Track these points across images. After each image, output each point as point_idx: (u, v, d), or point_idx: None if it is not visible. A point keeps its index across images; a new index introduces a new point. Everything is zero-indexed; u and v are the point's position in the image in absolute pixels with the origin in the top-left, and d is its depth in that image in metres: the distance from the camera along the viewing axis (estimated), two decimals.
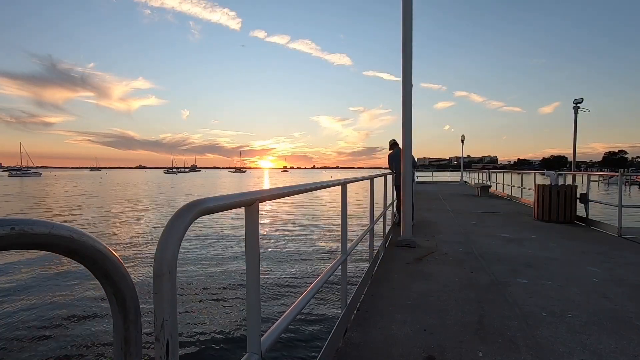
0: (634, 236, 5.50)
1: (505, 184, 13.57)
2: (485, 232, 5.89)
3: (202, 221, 12.65)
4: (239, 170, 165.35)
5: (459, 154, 55.57)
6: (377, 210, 4.30)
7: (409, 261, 4.16)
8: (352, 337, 2.35)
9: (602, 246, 4.86)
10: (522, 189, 11.13)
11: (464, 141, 25.79)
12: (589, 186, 6.89)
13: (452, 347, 2.19)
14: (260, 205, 1.17)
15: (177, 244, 0.73)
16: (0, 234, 0.42)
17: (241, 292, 6.02)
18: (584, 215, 6.69)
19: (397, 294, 3.11)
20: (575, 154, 12.87)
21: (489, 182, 15.95)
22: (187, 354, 4.12)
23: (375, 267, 3.94)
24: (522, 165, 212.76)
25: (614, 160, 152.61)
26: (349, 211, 2.51)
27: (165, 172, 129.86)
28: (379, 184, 5.05)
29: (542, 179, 9.02)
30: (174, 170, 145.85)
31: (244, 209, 1.13)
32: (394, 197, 6.84)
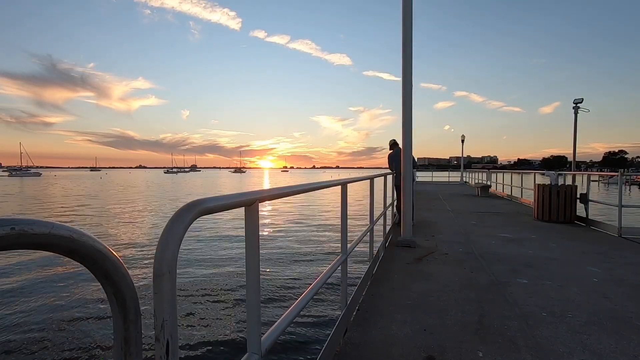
0: (634, 236, 5.50)
1: (505, 184, 13.57)
2: (485, 232, 5.89)
3: (202, 221, 12.64)
4: (239, 170, 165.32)
5: (459, 154, 55.57)
6: (377, 210, 4.30)
7: (409, 261, 4.16)
8: (352, 337, 2.35)
9: (602, 246, 4.86)
10: (522, 189, 11.14)
11: (464, 141, 25.80)
12: (589, 186, 6.89)
13: (452, 347, 2.19)
14: (260, 205, 1.17)
15: (177, 244, 0.73)
16: (0, 234, 0.43)
17: (241, 292, 6.02)
18: (584, 215, 6.69)
19: (397, 294, 3.11)
20: (575, 154, 12.87)
21: (489, 182, 15.95)
22: (187, 354, 4.12)
23: (375, 267, 3.94)
24: (522, 165, 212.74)
25: (614, 160, 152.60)
26: (349, 211, 2.51)
27: (165, 172, 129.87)
28: (379, 184, 5.05)
29: (542, 179, 9.01)
30: (174, 170, 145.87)
31: (244, 209, 1.13)
32: (394, 197, 6.84)
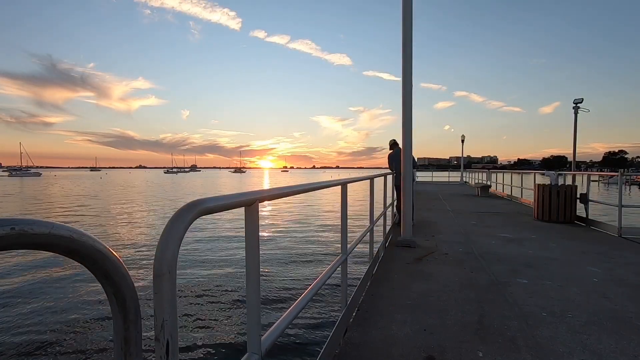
0: (634, 236, 5.50)
1: (505, 184, 13.57)
2: (485, 232, 5.89)
3: (202, 221, 12.64)
4: (239, 170, 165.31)
5: (459, 154, 55.57)
6: (377, 210, 4.30)
7: (409, 261, 4.16)
8: (352, 337, 2.35)
9: (602, 246, 4.86)
10: (522, 189, 11.13)
11: (464, 141, 25.80)
12: (589, 186, 6.89)
13: (452, 347, 2.19)
14: (260, 205, 1.17)
15: (177, 244, 0.73)
16: (0, 234, 0.43)
17: (241, 292, 6.02)
18: (584, 215, 6.69)
19: (397, 294, 3.11)
20: (575, 154, 12.87)
21: (489, 182, 15.95)
22: (187, 354, 4.12)
23: (375, 267, 3.94)
24: (522, 165, 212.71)
25: (614, 160, 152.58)
26: (349, 211, 2.51)
27: (165, 172, 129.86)
28: (379, 184, 5.05)
29: (542, 179, 9.01)
30: (174, 170, 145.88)
31: (244, 209, 1.13)
32: (394, 197, 6.83)
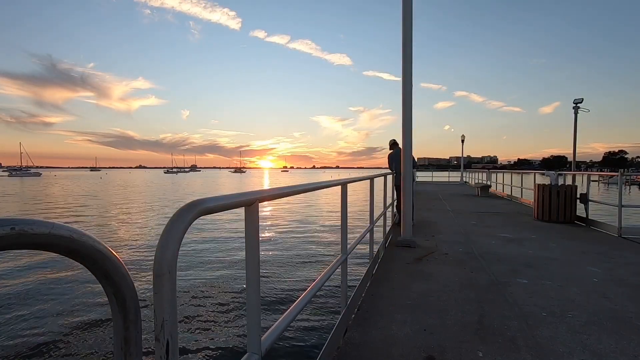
0: (634, 236, 5.50)
1: (505, 184, 13.57)
2: (485, 232, 5.89)
3: (202, 220, 12.64)
4: (238, 170, 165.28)
5: (459, 154, 55.58)
6: (377, 210, 4.30)
7: (409, 261, 4.16)
8: (352, 337, 2.35)
9: (602, 246, 4.86)
10: (522, 189, 11.13)
11: (464, 141, 25.80)
12: (589, 186, 6.89)
13: (452, 347, 2.19)
14: (260, 205, 1.17)
15: (177, 244, 0.73)
16: (0, 234, 0.43)
17: (241, 292, 6.02)
18: (584, 215, 6.69)
19: (397, 294, 3.11)
20: (575, 154, 12.87)
21: (489, 182, 15.95)
22: (187, 354, 4.12)
23: (375, 267, 3.94)
24: (522, 165, 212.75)
25: (614, 160, 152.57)
26: (349, 211, 2.51)
27: (165, 172, 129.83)
28: (379, 184, 5.05)
29: (542, 179, 9.02)
30: (174, 170, 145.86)
31: (244, 209, 1.13)
32: (394, 197, 6.83)
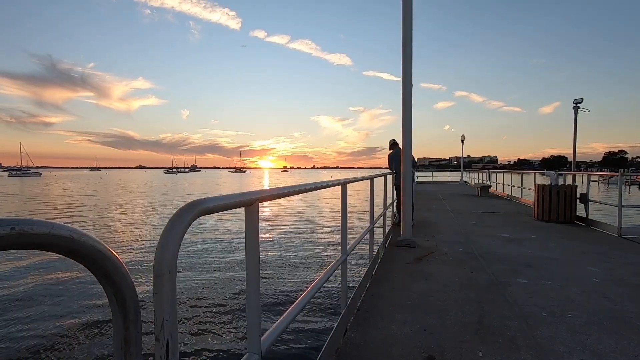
0: (634, 236, 5.50)
1: (505, 184, 13.57)
2: (485, 232, 5.89)
3: (202, 220, 12.64)
4: (238, 170, 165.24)
5: (459, 154, 55.58)
6: (377, 210, 4.30)
7: (409, 261, 4.16)
8: (352, 337, 2.35)
9: (602, 246, 4.86)
10: (522, 189, 11.13)
11: (464, 141, 25.80)
12: (589, 186, 6.89)
13: (452, 347, 2.19)
14: (260, 205, 1.17)
15: (177, 244, 0.73)
16: (0, 234, 0.43)
17: (241, 292, 6.02)
18: (584, 215, 6.69)
19: (397, 294, 3.11)
20: (575, 154, 12.87)
21: (489, 182, 15.95)
22: (187, 354, 4.12)
23: (375, 267, 3.94)
24: (522, 165, 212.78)
25: (614, 160, 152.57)
26: (349, 212, 2.51)
27: (165, 172, 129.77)
28: (379, 184, 5.05)
29: (542, 179, 9.02)
30: (174, 170, 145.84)
31: (244, 209, 1.13)
32: (394, 197, 6.84)
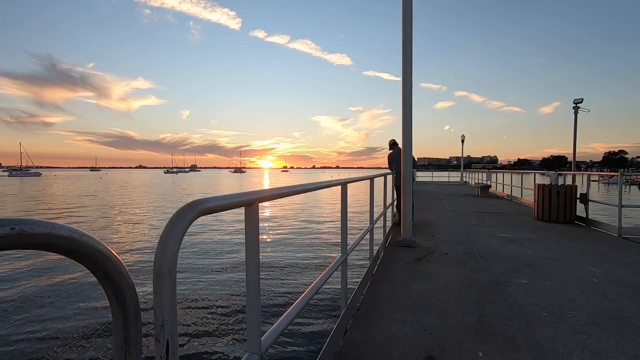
0: (634, 236, 5.50)
1: (505, 184, 13.57)
2: (485, 232, 5.89)
3: (202, 221, 12.64)
4: (238, 170, 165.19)
5: (459, 154, 55.59)
6: (377, 210, 4.30)
7: (409, 261, 4.16)
8: (352, 337, 2.35)
9: (602, 246, 4.86)
10: (522, 189, 11.13)
11: (464, 141, 25.80)
12: (589, 186, 6.89)
13: (452, 347, 2.19)
14: (260, 205, 1.17)
15: (177, 244, 0.73)
16: (0, 234, 0.43)
17: (241, 292, 6.02)
18: (584, 215, 6.69)
19: (397, 294, 3.11)
20: (575, 154, 12.87)
21: (489, 182, 15.94)
22: (187, 354, 4.12)
23: (375, 267, 3.94)
24: (522, 165, 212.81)
25: (614, 160, 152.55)
26: (348, 212, 2.50)
27: (165, 172, 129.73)
28: (379, 184, 5.05)
29: (542, 179, 9.02)
30: (174, 170, 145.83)
31: (244, 209, 1.13)
32: (394, 197, 6.84)
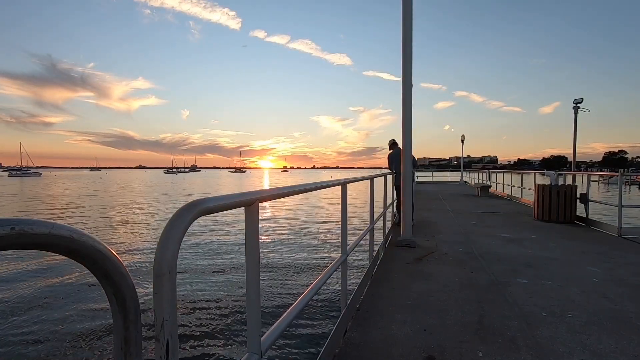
0: (634, 236, 5.50)
1: (505, 184, 13.57)
2: (485, 232, 5.89)
3: (202, 221, 12.64)
4: (238, 170, 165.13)
5: (459, 154, 55.61)
6: (377, 210, 4.30)
7: (409, 261, 4.16)
8: (352, 337, 2.35)
9: (602, 246, 4.86)
10: (522, 189, 11.13)
11: (464, 141, 25.80)
12: (589, 186, 6.89)
13: (452, 347, 2.19)
14: (260, 205, 1.17)
15: (177, 244, 0.73)
16: (0, 234, 0.43)
17: (241, 292, 6.02)
18: (584, 215, 6.69)
19: (397, 294, 3.11)
20: (575, 154, 12.87)
21: (489, 182, 15.94)
22: (187, 354, 4.12)
23: (375, 267, 3.94)
24: (522, 165, 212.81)
25: (614, 160, 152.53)
26: (348, 212, 2.50)
27: (165, 172, 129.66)
28: (379, 184, 5.05)
29: (542, 179, 9.02)
30: (174, 170, 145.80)
31: (244, 209, 1.13)
32: (394, 197, 6.83)
